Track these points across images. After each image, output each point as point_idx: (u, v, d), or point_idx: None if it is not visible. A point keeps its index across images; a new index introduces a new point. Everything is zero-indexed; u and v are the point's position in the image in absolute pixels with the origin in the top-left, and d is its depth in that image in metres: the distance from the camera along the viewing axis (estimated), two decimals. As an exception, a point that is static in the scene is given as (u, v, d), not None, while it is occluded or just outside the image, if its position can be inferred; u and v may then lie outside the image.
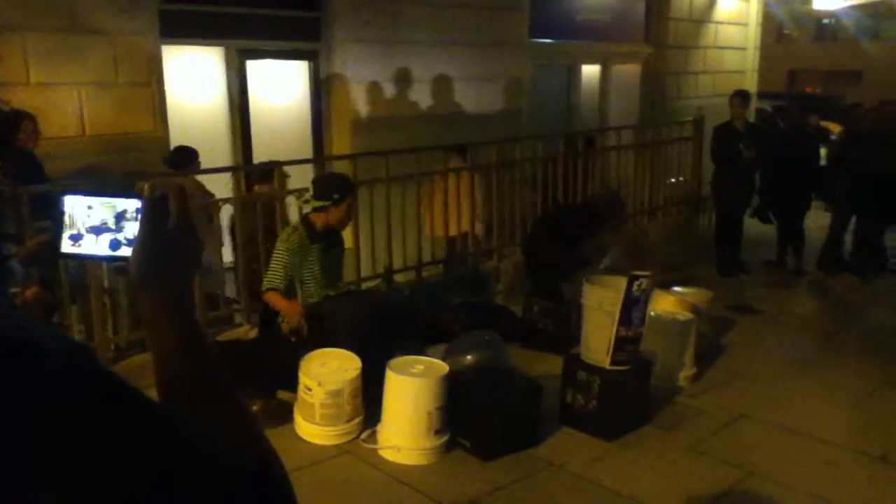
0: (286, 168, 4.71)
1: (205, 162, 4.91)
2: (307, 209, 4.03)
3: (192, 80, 5.59)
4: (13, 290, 2.73)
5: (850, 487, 3.33)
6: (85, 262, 3.44)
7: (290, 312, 3.90)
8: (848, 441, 3.77)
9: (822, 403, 4.21)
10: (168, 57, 5.26)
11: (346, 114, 6.22)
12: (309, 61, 6.19)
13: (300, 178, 4.76)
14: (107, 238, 0.84)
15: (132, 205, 0.83)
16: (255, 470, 0.68)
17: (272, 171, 4.75)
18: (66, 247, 0.84)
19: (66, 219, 0.83)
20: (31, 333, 0.58)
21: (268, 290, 3.94)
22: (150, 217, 0.80)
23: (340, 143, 6.20)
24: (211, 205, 4.46)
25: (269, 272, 3.99)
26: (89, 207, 0.84)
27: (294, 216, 4.59)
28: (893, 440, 3.74)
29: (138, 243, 0.79)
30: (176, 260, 0.79)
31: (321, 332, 3.87)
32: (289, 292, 3.95)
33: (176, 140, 5.19)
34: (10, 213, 3.49)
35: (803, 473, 3.44)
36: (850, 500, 3.22)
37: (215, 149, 5.42)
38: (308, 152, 6.07)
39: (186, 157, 4.83)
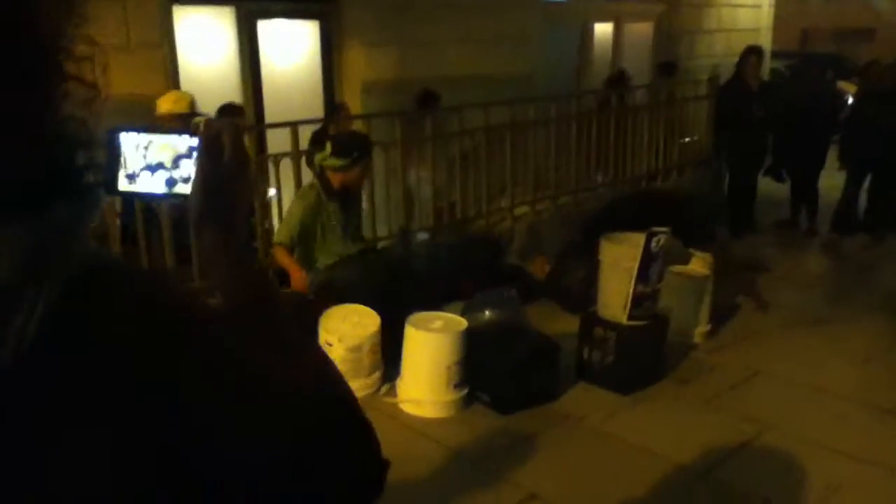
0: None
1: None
2: (327, 165, 3.98)
3: (204, 41, 5.55)
4: None
5: (862, 440, 3.38)
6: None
7: (295, 277, 3.90)
8: (859, 395, 3.80)
9: (833, 359, 4.24)
10: (179, 19, 5.22)
11: (357, 75, 6.18)
12: (320, 21, 6.13)
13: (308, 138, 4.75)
14: (162, 176, 0.83)
15: (188, 143, 0.83)
16: (322, 398, 0.71)
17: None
18: (123, 185, 0.84)
19: (122, 156, 0.83)
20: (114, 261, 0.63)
21: (276, 244, 3.93)
22: (206, 155, 0.81)
23: (350, 104, 6.16)
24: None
25: (281, 226, 3.97)
26: (145, 147, 0.84)
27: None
28: (904, 394, 3.78)
29: (196, 181, 0.81)
30: (230, 197, 0.81)
31: (332, 293, 3.90)
32: (301, 255, 3.98)
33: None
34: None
35: (816, 427, 3.48)
36: (861, 453, 3.26)
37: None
38: (319, 112, 6.04)
39: (430, 100, 5.68)
